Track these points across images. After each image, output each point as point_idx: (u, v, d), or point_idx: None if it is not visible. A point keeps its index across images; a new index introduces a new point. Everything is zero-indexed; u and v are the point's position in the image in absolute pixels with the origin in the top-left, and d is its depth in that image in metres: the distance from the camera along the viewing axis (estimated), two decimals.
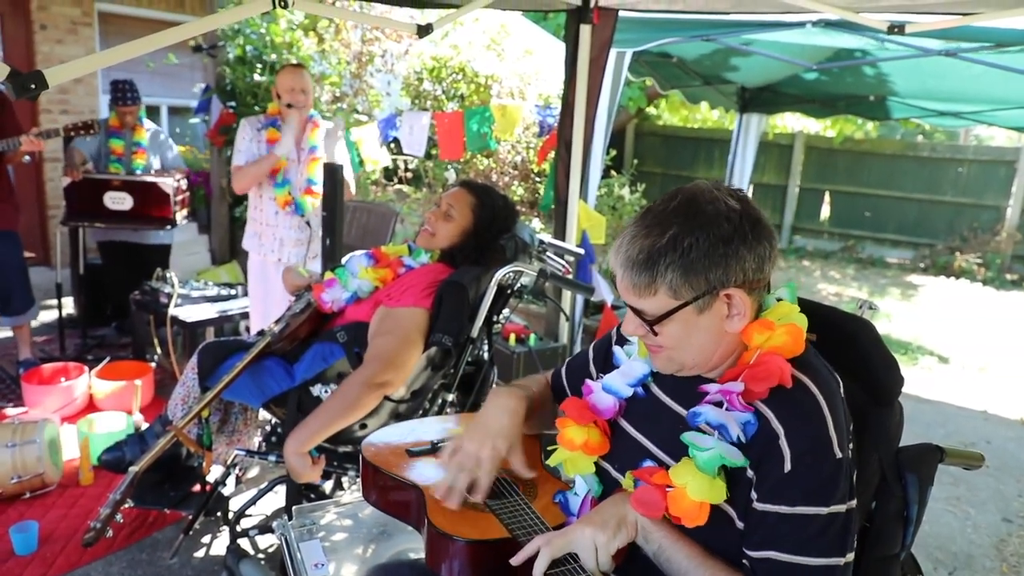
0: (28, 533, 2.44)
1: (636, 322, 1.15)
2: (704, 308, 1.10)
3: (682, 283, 1.08)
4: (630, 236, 1.12)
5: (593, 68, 3.43)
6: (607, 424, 1.28)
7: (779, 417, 1.08)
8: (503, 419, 1.31)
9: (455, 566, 1.17)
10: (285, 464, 1.86)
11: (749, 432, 1.08)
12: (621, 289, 1.15)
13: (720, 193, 1.12)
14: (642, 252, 1.09)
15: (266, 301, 3.48)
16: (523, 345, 3.83)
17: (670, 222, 1.09)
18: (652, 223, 1.11)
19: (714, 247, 1.07)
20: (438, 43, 6.03)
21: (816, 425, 1.06)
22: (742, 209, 1.10)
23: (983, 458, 1.46)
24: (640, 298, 1.12)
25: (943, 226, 9.77)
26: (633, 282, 1.11)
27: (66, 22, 5.63)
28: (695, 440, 1.09)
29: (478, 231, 2.23)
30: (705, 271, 1.08)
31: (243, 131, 3.32)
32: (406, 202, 6.05)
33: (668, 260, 1.08)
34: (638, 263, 1.10)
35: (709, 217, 1.08)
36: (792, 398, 1.08)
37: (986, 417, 4.57)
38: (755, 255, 1.10)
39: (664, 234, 1.08)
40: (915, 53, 3.91)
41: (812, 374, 1.11)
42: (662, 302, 1.11)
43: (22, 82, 1.13)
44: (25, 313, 3.81)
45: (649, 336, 1.15)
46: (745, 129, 5.98)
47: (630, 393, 1.27)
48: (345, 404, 1.89)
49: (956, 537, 3.07)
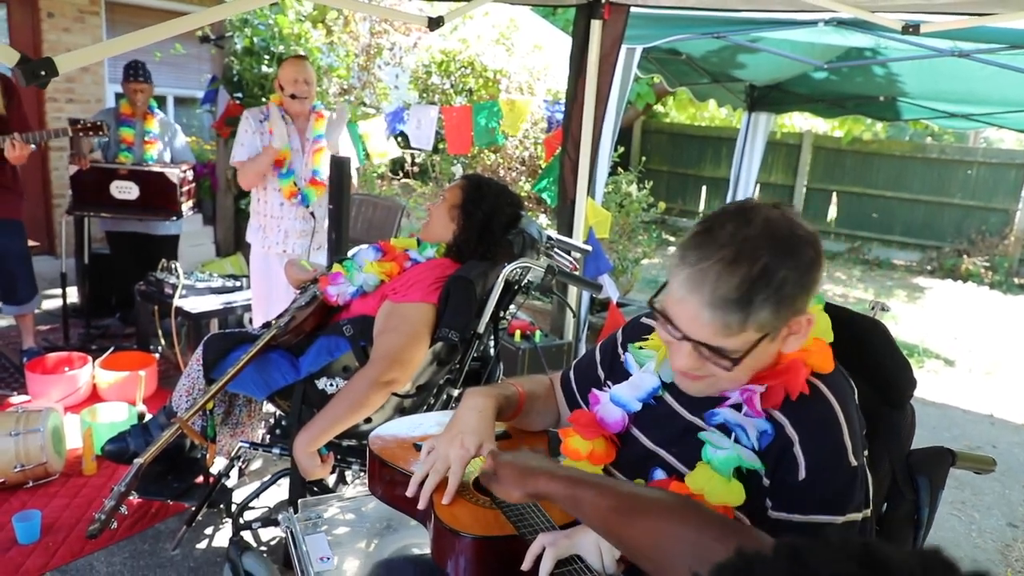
0: (31, 522, 2.44)
1: (698, 358, 1.03)
2: (777, 336, 1.04)
3: (774, 318, 0.99)
4: (704, 266, 0.98)
5: (604, 64, 3.41)
6: (615, 438, 1.27)
7: (794, 423, 1.06)
8: (471, 418, 1.31)
9: (461, 562, 1.16)
10: (296, 463, 1.87)
11: (764, 442, 1.07)
12: (694, 326, 1.01)
13: (788, 212, 1.03)
14: (737, 290, 0.97)
15: (269, 293, 3.47)
16: (529, 341, 3.82)
17: (759, 250, 0.97)
18: (741, 252, 0.97)
19: (803, 276, 1.00)
20: (447, 37, 6.01)
21: (831, 432, 1.05)
22: (813, 232, 1.03)
23: (994, 462, 1.45)
24: (723, 337, 1.00)
25: (951, 228, 9.73)
26: (725, 322, 0.98)
27: (73, 10, 5.62)
28: (712, 439, 1.08)
29: (471, 210, 2.21)
30: (794, 303, 1.00)
31: (245, 123, 3.31)
32: (412, 196, 6.03)
33: (764, 296, 0.97)
34: (731, 302, 0.97)
35: (795, 244, 0.99)
36: (807, 404, 1.07)
37: (992, 421, 4.54)
38: (820, 278, 1.05)
39: (754, 264, 0.97)
40: (927, 53, 3.87)
41: (827, 380, 1.09)
42: (748, 338, 1.00)
43: (32, 69, 1.12)
44: (29, 302, 3.81)
45: (706, 368, 1.05)
46: (753, 128, 5.95)
47: (639, 407, 1.25)
48: (352, 402, 1.89)
49: (961, 542, 3.06)
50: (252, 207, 3.47)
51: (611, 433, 1.26)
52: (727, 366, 1.02)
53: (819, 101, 5.74)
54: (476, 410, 1.33)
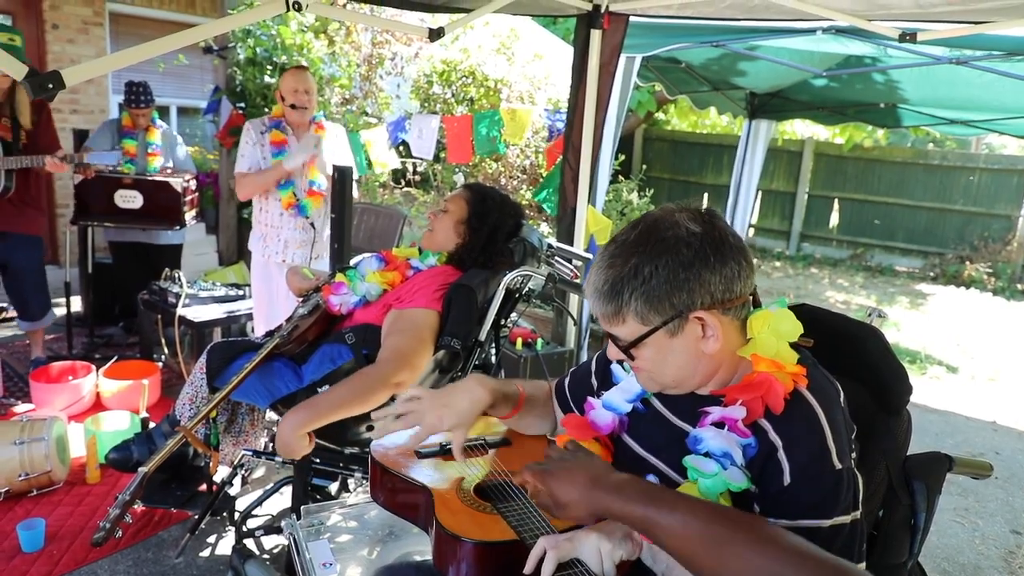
0: (35, 530, 2.45)
1: (614, 347, 1.19)
2: (676, 331, 1.12)
3: (647, 310, 1.11)
4: (596, 267, 1.17)
5: (603, 73, 3.44)
6: (608, 440, 1.29)
7: (776, 429, 1.08)
8: (461, 400, 1.37)
9: (462, 567, 1.17)
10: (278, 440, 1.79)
11: (749, 454, 1.08)
12: (597, 316, 1.20)
13: (681, 217, 1.13)
14: (607, 283, 1.13)
15: (270, 302, 3.49)
16: (530, 349, 3.83)
17: (632, 252, 1.12)
18: (616, 253, 1.14)
19: (674, 273, 1.09)
20: (448, 46, 6.05)
21: (814, 436, 1.06)
22: (703, 232, 1.11)
23: (992, 468, 1.46)
24: (611, 325, 1.16)
25: (953, 235, 9.73)
26: (603, 311, 1.16)
27: (77, 22, 5.67)
28: (697, 465, 1.09)
29: (476, 225, 2.24)
30: (668, 297, 1.10)
31: (247, 135, 3.33)
32: (414, 205, 6.06)
33: (631, 289, 1.11)
34: (604, 293, 1.14)
35: (668, 244, 1.10)
36: (788, 409, 1.08)
37: (995, 428, 4.54)
38: (721, 276, 1.10)
39: (626, 264, 1.12)
40: (926, 61, 3.90)
41: (810, 383, 1.11)
42: (632, 328, 1.14)
43: (40, 81, 1.14)
44: (42, 319, 3.86)
45: (628, 359, 1.18)
46: (754, 135, 5.97)
47: (629, 409, 1.28)
48: (356, 394, 1.85)
49: (964, 549, 3.05)
50: (254, 216, 3.49)
51: (603, 435, 1.28)
52: (625, 356, 1.17)
53: (820, 108, 5.76)
54: (470, 396, 1.37)
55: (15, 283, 3.74)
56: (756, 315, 1.15)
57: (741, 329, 1.15)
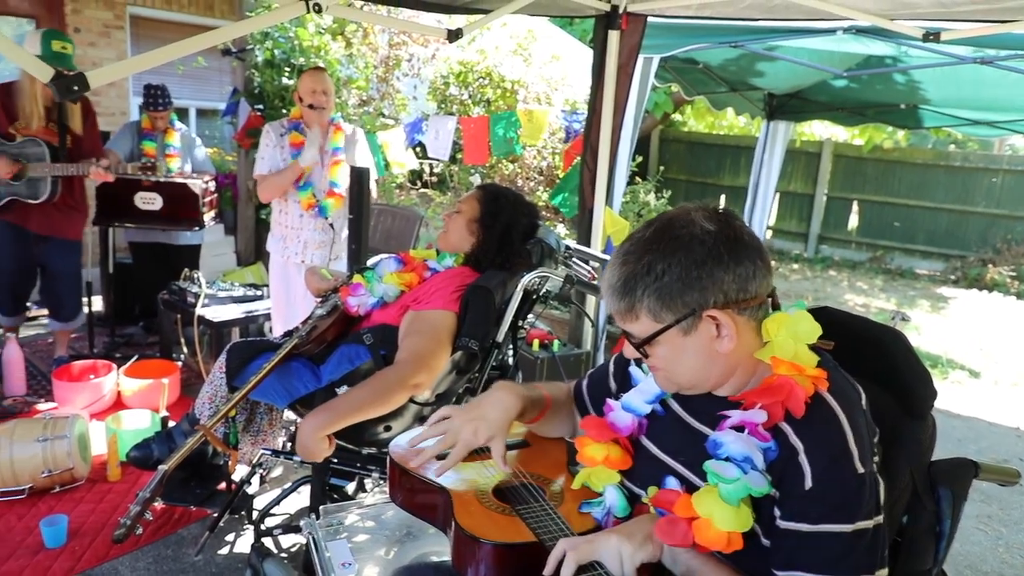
0: (58, 527, 2.48)
1: (629, 345, 1.20)
2: (689, 330, 1.12)
3: (660, 307, 1.11)
4: (612, 264, 1.17)
5: (621, 74, 3.43)
6: (628, 442, 1.28)
7: (797, 432, 1.06)
8: (493, 411, 1.35)
9: (481, 568, 1.17)
10: (298, 443, 1.77)
11: (770, 458, 1.07)
12: (612, 313, 1.20)
13: (697, 216, 1.13)
14: (620, 279, 1.14)
15: (288, 303, 3.51)
16: (547, 351, 3.83)
17: (646, 249, 1.13)
18: (630, 250, 1.15)
19: (687, 271, 1.09)
20: (465, 48, 6.07)
21: (836, 440, 1.04)
22: (718, 231, 1.10)
23: (1020, 475, 1.43)
24: (625, 322, 1.17)
25: (975, 237, 9.60)
26: (617, 308, 1.16)
27: (98, 25, 5.74)
28: (718, 470, 1.08)
29: (489, 223, 2.24)
30: (680, 295, 1.10)
31: (266, 137, 3.36)
32: (431, 206, 6.08)
33: (644, 285, 1.11)
34: (617, 289, 1.15)
35: (682, 242, 1.11)
36: (810, 412, 1.07)
37: (1019, 434, 4.47)
38: (735, 275, 1.10)
39: (640, 261, 1.12)
40: (949, 60, 3.84)
41: (831, 386, 1.09)
42: (645, 325, 1.14)
43: (66, 84, 1.16)
44: (74, 320, 3.91)
45: (643, 358, 1.19)
46: (772, 136, 5.92)
47: (648, 410, 1.28)
48: (375, 396, 1.85)
49: (987, 556, 3.01)
50: (273, 218, 3.51)
51: (623, 437, 1.28)
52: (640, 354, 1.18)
53: (839, 109, 5.70)
54: (501, 405, 1.36)
55: (52, 285, 3.79)
56: (772, 317, 1.14)
57: (758, 331, 1.14)
